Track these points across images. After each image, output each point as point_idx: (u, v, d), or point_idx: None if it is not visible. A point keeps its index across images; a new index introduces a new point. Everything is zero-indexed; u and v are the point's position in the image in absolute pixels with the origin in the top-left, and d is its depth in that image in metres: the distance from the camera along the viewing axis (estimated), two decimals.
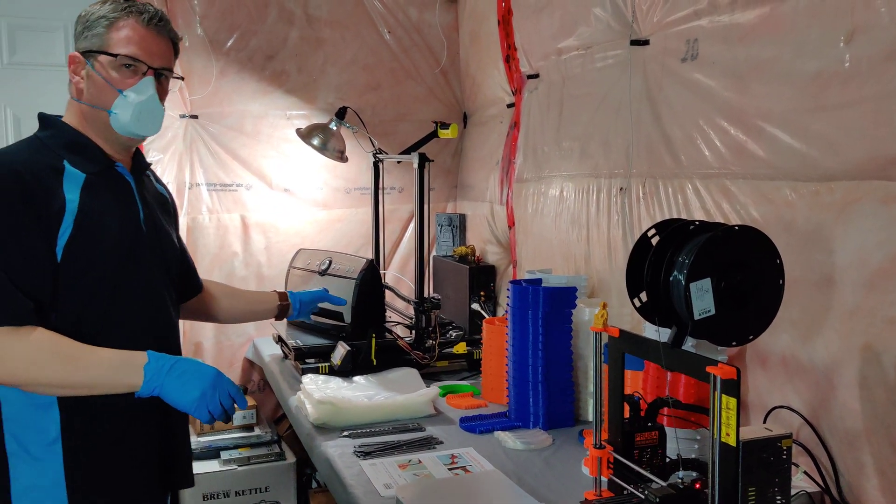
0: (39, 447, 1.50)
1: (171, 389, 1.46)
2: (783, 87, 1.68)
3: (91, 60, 1.57)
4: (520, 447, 1.94)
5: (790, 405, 1.66)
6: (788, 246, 1.55)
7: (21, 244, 1.43)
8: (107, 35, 1.56)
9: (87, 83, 1.58)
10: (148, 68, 1.58)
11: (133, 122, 1.57)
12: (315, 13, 3.36)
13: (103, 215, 1.54)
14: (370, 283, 2.66)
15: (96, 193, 1.54)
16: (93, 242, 1.51)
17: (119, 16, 1.57)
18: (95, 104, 1.58)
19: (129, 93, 1.56)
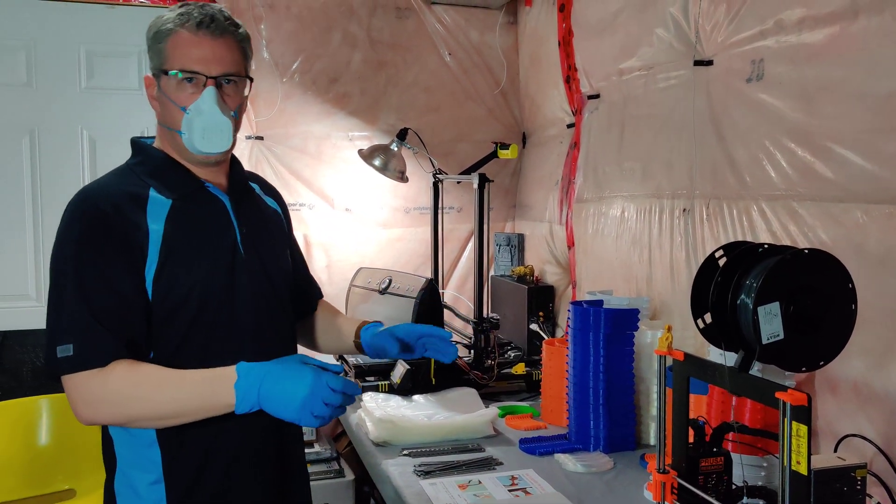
0: (144, 486, 1.46)
1: (269, 403, 1.32)
2: (854, 108, 1.65)
3: (159, 80, 1.49)
4: (580, 470, 1.93)
5: (862, 434, 1.61)
6: (860, 270, 1.51)
7: (108, 282, 1.37)
8: (165, 50, 1.45)
9: (160, 104, 1.50)
10: (207, 79, 1.45)
11: (200, 141, 1.45)
12: (377, 36, 3.42)
13: (192, 242, 1.45)
14: (429, 302, 2.67)
15: (184, 219, 1.46)
16: (182, 272, 1.43)
17: (173, 27, 1.45)
18: (169, 125, 1.49)
19: (191, 110, 1.45)
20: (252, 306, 1.52)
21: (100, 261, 1.38)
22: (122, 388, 1.35)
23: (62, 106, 3.08)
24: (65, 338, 1.35)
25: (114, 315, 1.37)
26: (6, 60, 3.02)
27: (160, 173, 1.50)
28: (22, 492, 2.90)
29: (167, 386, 1.36)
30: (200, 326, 1.45)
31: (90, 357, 1.34)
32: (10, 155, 3.04)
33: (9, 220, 3.05)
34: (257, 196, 1.69)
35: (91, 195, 1.45)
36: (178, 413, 1.36)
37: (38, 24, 3.03)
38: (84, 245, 1.39)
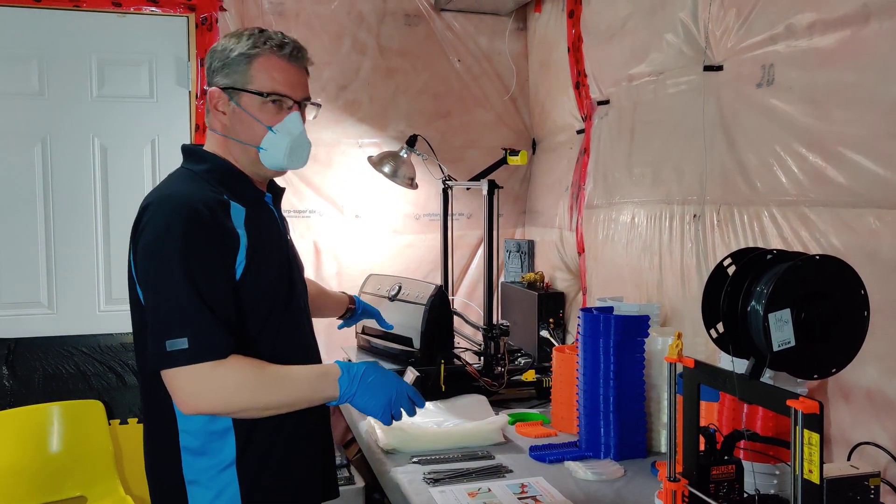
0: (216, 472, 1.53)
1: (361, 398, 1.51)
2: (866, 113, 1.64)
3: (234, 97, 1.57)
4: (591, 478, 1.92)
5: (876, 442, 1.59)
6: (873, 276, 1.49)
7: (215, 279, 1.46)
8: (249, 72, 1.56)
9: (233, 119, 1.58)
10: (294, 103, 1.59)
11: (285, 158, 1.58)
12: (387, 43, 3.43)
13: (265, 247, 1.57)
14: (439, 308, 2.67)
15: (256, 226, 1.56)
16: (261, 275, 1.54)
17: (260, 51, 1.56)
18: (244, 140, 1.58)
19: (278, 129, 1.57)
20: (299, 303, 1.68)
21: (205, 259, 1.45)
22: (243, 381, 1.44)
23: (74, 114, 3.10)
24: (177, 332, 1.40)
25: (224, 309, 1.45)
26: (18, 69, 3.04)
27: (228, 182, 1.59)
28: (33, 499, 2.91)
29: (283, 380, 1.49)
30: (271, 324, 1.57)
31: (208, 349, 1.41)
32: (23, 163, 3.06)
33: (21, 228, 3.07)
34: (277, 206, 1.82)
35: (187, 198, 1.49)
36: (287, 405, 1.50)
37: (49, 33, 3.05)
38: (189, 244, 1.44)
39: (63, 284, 3.12)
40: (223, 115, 1.59)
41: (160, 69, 3.17)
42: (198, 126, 3.14)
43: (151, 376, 1.49)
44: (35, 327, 3.09)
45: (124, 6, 3.07)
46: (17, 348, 3.06)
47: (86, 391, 3.12)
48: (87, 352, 3.13)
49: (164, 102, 3.17)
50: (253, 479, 1.55)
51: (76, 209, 3.13)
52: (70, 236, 3.12)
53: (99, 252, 3.15)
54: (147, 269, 1.47)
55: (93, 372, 3.13)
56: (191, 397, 1.42)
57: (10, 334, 3.06)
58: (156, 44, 3.16)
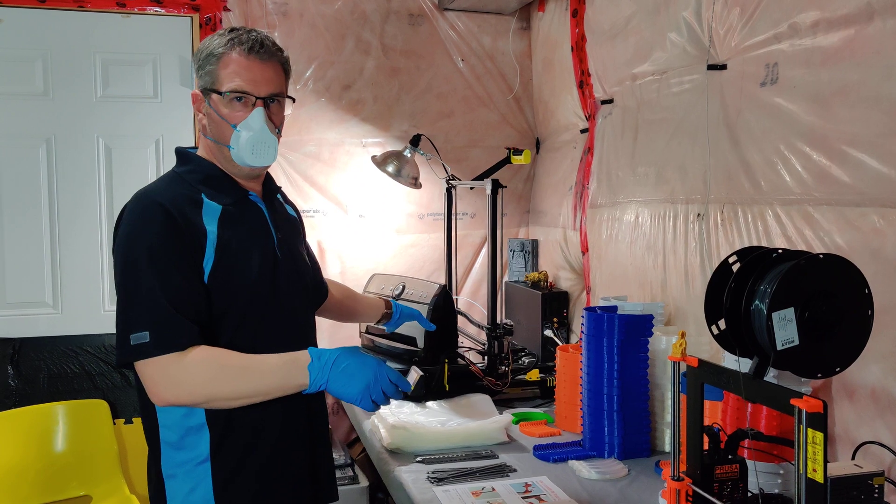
0: (191, 466, 1.54)
1: (336, 384, 1.48)
2: (870, 111, 1.63)
3: (208, 98, 1.61)
4: (595, 477, 1.91)
5: (880, 441, 1.59)
6: (877, 275, 1.49)
7: (181, 273, 1.48)
8: (217, 72, 1.58)
9: (208, 120, 1.62)
10: (256, 99, 1.59)
11: (249, 155, 1.59)
12: (391, 43, 3.43)
13: (241, 246, 1.58)
14: (443, 308, 2.67)
15: (233, 225, 1.58)
16: (234, 273, 1.55)
17: (224, 50, 1.58)
18: (218, 140, 1.61)
19: (242, 127, 1.58)
20: (289, 303, 1.66)
21: (172, 255, 1.48)
22: (208, 370, 1.46)
23: (78, 115, 3.11)
24: (139, 326, 1.43)
25: (189, 302, 1.47)
26: (23, 70, 3.05)
27: (210, 181, 1.61)
28: (38, 498, 2.92)
29: (250, 369, 1.48)
30: (249, 322, 1.57)
31: (169, 341, 1.43)
32: (27, 163, 3.07)
33: (26, 228, 3.08)
34: (282, 203, 1.83)
35: (154, 197, 1.53)
36: (257, 393, 1.48)
37: (54, 33, 3.06)
38: (155, 241, 1.47)
39: (68, 284, 3.13)
40: (204, 116, 1.63)
41: (164, 69, 3.18)
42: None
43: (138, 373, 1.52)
44: (40, 327, 3.10)
45: (128, 6, 3.08)
46: (22, 348, 3.07)
47: (90, 391, 3.12)
48: (92, 351, 3.14)
49: (168, 103, 3.17)
50: (227, 477, 1.56)
51: (81, 209, 3.13)
52: (75, 236, 3.13)
53: (103, 252, 3.16)
54: (115, 265, 1.52)
55: (97, 371, 3.14)
56: (158, 388, 1.45)
57: (15, 334, 3.06)
58: (160, 44, 3.17)
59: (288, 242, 1.72)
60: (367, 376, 1.49)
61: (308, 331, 1.76)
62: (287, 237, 1.72)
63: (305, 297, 1.76)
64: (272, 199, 1.73)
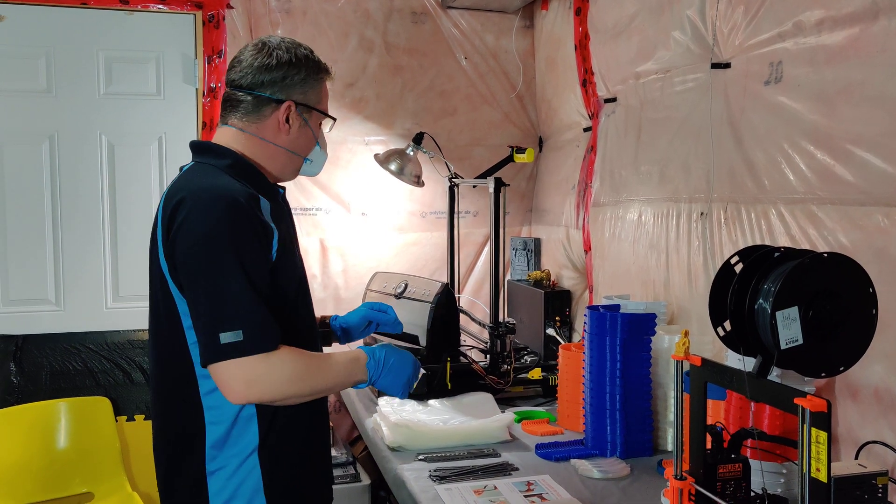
0: (240, 458, 1.54)
1: (386, 381, 1.63)
2: (874, 110, 1.63)
3: (304, 113, 1.64)
4: (597, 476, 1.91)
5: (884, 441, 1.58)
6: (881, 274, 1.49)
7: (263, 271, 1.48)
8: (322, 92, 1.67)
9: (295, 131, 1.64)
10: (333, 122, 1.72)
11: (319, 169, 1.74)
12: (394, 41, 3.43)
13: (292, 240, 1.63)
14: (445, 306, 2.67)
15: (281, 221, 1.59)
16: (289, 270, 1.58)
17: (324, 75, 1.68)
18: (297, 151, 1.66)
19: (322, 145, 1.71)
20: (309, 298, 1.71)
21: (257, 254, 1.48)
22: (293, 370, 1.48)
23: (81, 112, 3.11)
24: (230, 324, 1.42)
25: (271, 301, 1.49)
26: (26, 67, 3.05)
27: (254, 178, 1.61)
28: (40, 495, 2.93)
29: (324, 368, 1.55)
30: (295, 316, 1.60)
31: (262, 341, 1.43)
32: (31, 160, 3.07)
33: (29, 225, 3.08)
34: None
35: (224, 191, 1.49)
36: (326, 390, 1.57)
37: (57, 30, 3.06)
38: (237, 236, 1.46)
39: (70, 281, 3.13)
40: (288, 127, 1.63)
41: (167, 67, 3.18)
42: (204, 123, 3.14)
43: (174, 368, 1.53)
44: (42, 324, 3.10)
45: (132, 4, 3.08)
46: (25, 345, 3.07)
47: (93, 388, 3.13)
48: (95, 348, 3.14)
49: (171, 100, 3.18)
50: (274, 467, 1.57)
51: (84, 206, 3.13)
52: (77, 233, 3.13)
53: (106, 249, 3.16)
54: (195, 263, 1.46)
55: (100, 369, 3.14)
56: (244, 387, 1.43)
57: (18, 331, 3.07)
58: (163, 41, 3.17)
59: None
60: (408, 370, 1.67)
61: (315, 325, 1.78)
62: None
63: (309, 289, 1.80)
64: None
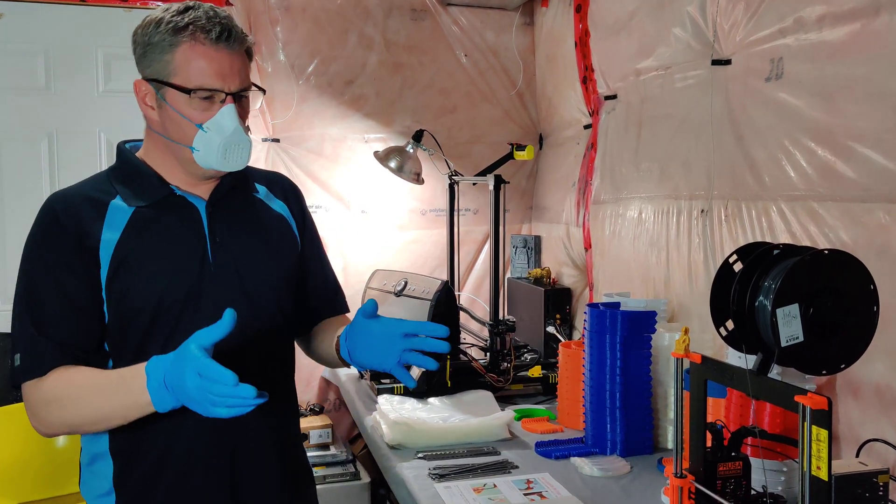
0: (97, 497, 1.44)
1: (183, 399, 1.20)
2: (876, 106, 1.62)
3: (160, 90, 1.38)
4: (597, 474, 1.91)
5: (885, 438, 1.58)
6: (882, 271, 1.48)
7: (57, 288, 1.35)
8: (173, 61, 1.35)
9: (161, 115, 1.40)
10: (226, 95, 1.38)
11: (219, 160, 1.38)
12: (393, 38, 3.42)
13: (152, 251, 1.39)
14: (445, 304, 2.66)
15: (143, 229, 1.40)
16: (136, 281, 1.37)
17: (182, 37, 1.34)
18: (176, 140, 1.40)
19: (209, 127, 1.37)
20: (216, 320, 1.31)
21: (52, 265, 1.37)
22: (54, 394, 1.32)
23: (80, 109, 3.10)
24: (16, 347, 1.36)
25: (57, 323, 1.35)
26: (25, 64, 3.04)
27: (130, 180, 1.45)
28: (39, 493, 2.92)
29: (90, 388, 1.31)
30: (156, 338, 1.38)
31: (32, 366, 1.33)
32: (29, 158, 3.06)
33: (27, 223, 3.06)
34: (256, 199, 1.57)
35: (53, 200, 1.44)
36: (102, 417, 1.30)
37: (55, 27, 3.05)
38: (37, 249, 1.39)
39: None
40: (152, 109, 1.41)
41: None
42: None
43: None
44: None
45: (130, 1, 3.07)
46: None
47: None
48: None
49: None
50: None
51: None
52: None
53: None
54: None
55: None
56: (29, 416, 1.35)
57: None
58: None
59: (235, 248, 1.46)
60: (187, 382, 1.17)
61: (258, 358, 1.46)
62: (237, 241, 1.47)
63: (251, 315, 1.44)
64: (223, 197, 1.48)
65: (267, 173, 1.69)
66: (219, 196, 1.48)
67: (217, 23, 1.36)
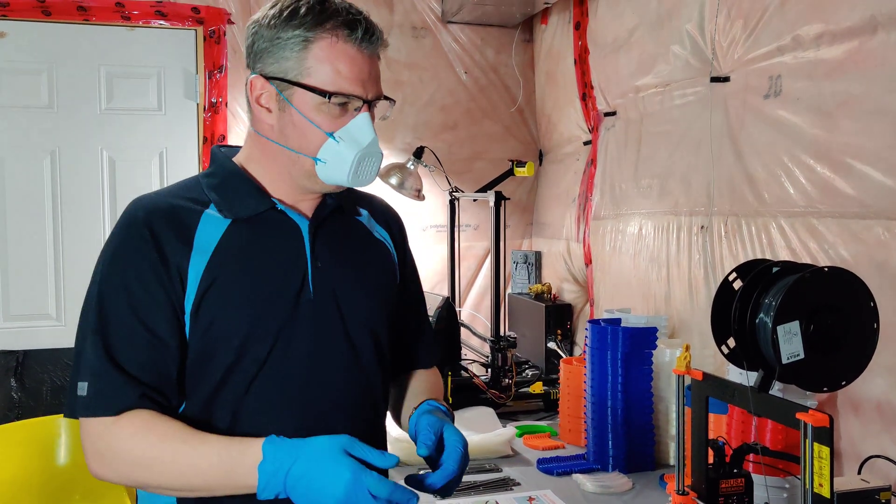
0: None
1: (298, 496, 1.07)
2: (874, 124, 1.63)
3: (285, 91, 1.20)
4: (599, 490, 1.90)
5: (887, 455, 1.58)
6: (882, 288, 1.49)
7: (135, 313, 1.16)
8: (306, 59, 1.18)
9: (281, 120, 1.22)
10: (364, 103, 1.21)
11: (349, 175, 1.21)
12: (394, 56, 3.44)
13: (246, 274, 1.20)
14: (446, 320, 2.67)
15: (241, 245, 1.21)
16: (225, 308, 1.18)
17: (320, 32, 1.18)
18: (296, 149, 1.22)
19: (342, 136, 1.20)
20: (312, 359, 1.23)
21: (131, 284, 1.17)
22: (133, 448, 1.13)
23: (82, 127, 3.12)
24: (83, 374, 1.16)
25: (136, 355, 1.16)
26: (28, 83, 3.06)
27: (226, 188, 1.25)
28: None
29: (183, 452, 1.13)
30: (239, 375, 1.20)
31: (102, 402, 1.14)
32: (32, 175, 3.08)
33: (30, 240, 3.08)
34: (359, 224, 1.39)
35: (136, 207, 1.22)
36: (192, 487, 1.13)
37: (59, 46, 3.07)
38: (116, 263, 1.18)
39: (71, 296, 3.12)
40: (268, 112, 1.23)
41: (168, 82, 3.19)
42: (205, 138, 3.14)
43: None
44: (43, 339, 3.09)
45: (133, 20, 3.09)
46: (26, 360, 3.06)
47: None
48: None
49: (172, 115, 3.18)
50: None
51: (85, 222, 3.13)
52: (78, 248, 3.12)
53: None
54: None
55: None
56: (91, 457, 1.17)
57: (19, 346, 3.06)
58: (164, 57, 3.18)
59: (337, 275, 1.28)
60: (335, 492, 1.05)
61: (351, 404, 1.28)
62: (339, 268, 1.28)
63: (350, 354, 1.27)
64: (329, 215, 1.31)
65: (370, 196, 1.49)
66: (324, 215, 1.30)
67: (361, 19, 1.21)
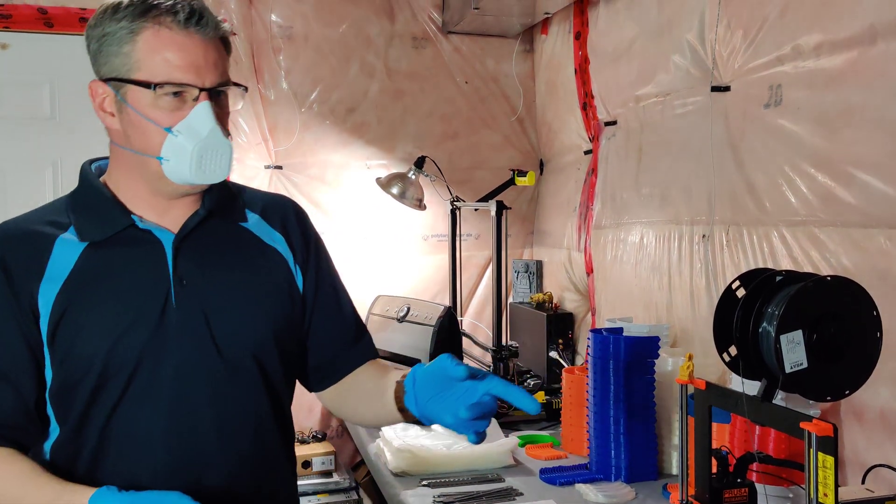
0: None
1: None
2: (875, 133, 1.64)
3: (120, 91, 1.14)
4: (601, 500, 1.90)
5: (891, 464, 1.57)
6: (884, 296, 1.48)
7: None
8: (133, 53, 1.12)
9: (123, 122, 1.16)
10: (200, 91, 1.13)
11: (193, 170, 1.13)
12: (395, 66, 3.45)
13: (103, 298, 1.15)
14: (448, 329, 2.66)
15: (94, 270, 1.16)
16: (78, 338, 1.14)
17: (143, 22, 1.11)
18: (140, 150, 1.15)
19: (180, 130, 1.12)
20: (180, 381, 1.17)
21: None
22: None
23: (84, 138, 3.11)
24: None
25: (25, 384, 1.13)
26: (30, 94, 3.07)
27: (87, 208, 1.21)
28: None
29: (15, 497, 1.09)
30: (103, 403, 1.14)
31: None
32: (34, 187, 3.08)
33: None
34: (244, 231, 1.30)
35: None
36: None
37: (61, 58, 3.08)
38: None
39: None
40: (111, 116, 1.17)
41: None
42: None
43: None
44: None
45: None
46: None
47: None
48: None
49: None
50: None
51: None
52: None
53: None
54: None
55: None
56: None
57: None
58: None
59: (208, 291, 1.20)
60: None
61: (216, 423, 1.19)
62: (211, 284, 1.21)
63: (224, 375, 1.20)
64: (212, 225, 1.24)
65: (267, 197, 1.40)
66: (191, 227, 1.22)
67: (185, 4, 1.12)
